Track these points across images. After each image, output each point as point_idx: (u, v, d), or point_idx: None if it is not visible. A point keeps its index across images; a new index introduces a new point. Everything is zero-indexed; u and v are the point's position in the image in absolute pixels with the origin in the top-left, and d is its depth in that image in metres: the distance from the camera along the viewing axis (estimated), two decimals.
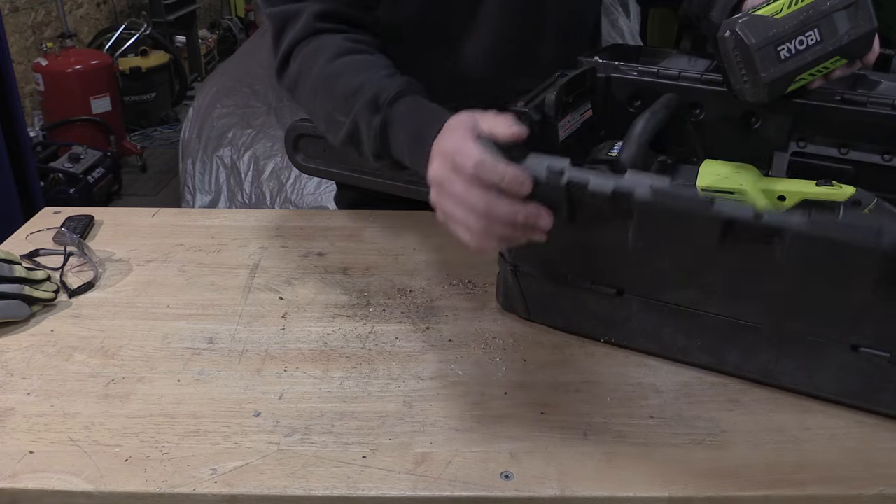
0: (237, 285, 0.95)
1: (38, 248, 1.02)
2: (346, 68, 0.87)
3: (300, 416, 0.72)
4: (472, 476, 0.65)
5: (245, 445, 0.69)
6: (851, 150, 0.81)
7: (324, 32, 0.92)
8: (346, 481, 0.65)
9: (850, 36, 0.74)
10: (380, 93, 0.80)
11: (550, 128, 0.81)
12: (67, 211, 1.11)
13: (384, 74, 0.84)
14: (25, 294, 0.86)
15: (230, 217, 1.13)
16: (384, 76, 0.84)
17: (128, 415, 0.72)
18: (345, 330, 0.86)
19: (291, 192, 2.57)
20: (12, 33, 3.67)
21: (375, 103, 0.80)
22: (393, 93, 0.80)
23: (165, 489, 0.64)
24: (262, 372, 0.79)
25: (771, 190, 0.77)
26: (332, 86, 0.87)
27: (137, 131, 4.42)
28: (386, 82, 0.82)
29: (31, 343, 0.83)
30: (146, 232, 1.08)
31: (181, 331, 0.85)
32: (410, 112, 0.79)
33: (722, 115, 0.85)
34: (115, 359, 0.81)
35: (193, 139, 2.90)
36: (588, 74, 0.90)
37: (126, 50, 4.25)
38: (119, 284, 0.95)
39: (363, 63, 0.88)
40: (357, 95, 0.82)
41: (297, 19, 0.93)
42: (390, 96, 0.79)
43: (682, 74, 0.86)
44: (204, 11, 5.61)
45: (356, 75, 0.85)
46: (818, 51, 0.74)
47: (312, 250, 1.03)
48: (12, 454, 0.67)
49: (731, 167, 0.81)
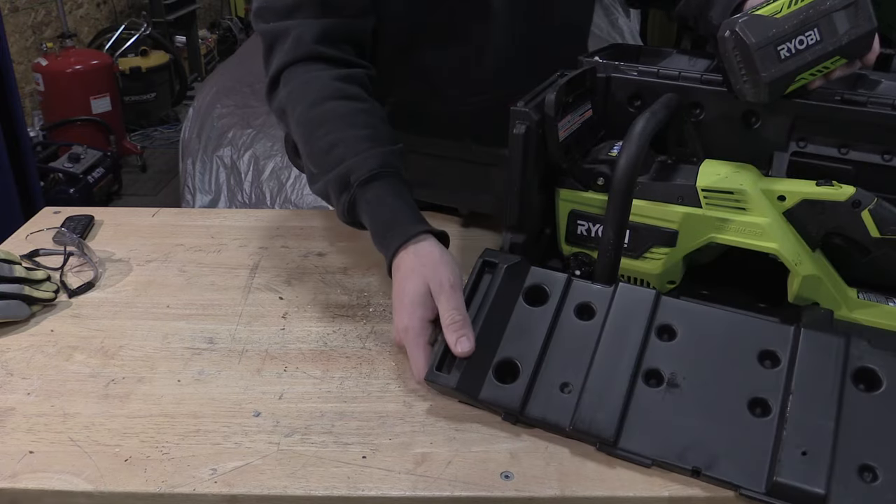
0: (237, 285, 0.95)
1: (38, 248, 1.02)
2: (326, 119, 0.86)
3: (300, 416, 0.72)
4: (472, 476, 0.65)
5: (245, 445, 0.69)
6: (851, 150, 0.81)
7: (314, 60, 0.91)
8: (346, 481, 0.65)
9: (850, 36, 0.75)
10: (352, 170, 0.82)
11: (550, 128, 0.81)
12: (67, 211, 1.11)
13: (362, 137, 0.84)
14: (25, 294, 0.86)
15: (230, 217, 1.13)
16: (362, 139, 0.84)
17: (128, 415, 0.72)
18: (345, 330, 0.86)
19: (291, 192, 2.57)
20: (12, 33, 3.67)
21: (346, 181, 0.82)
22: (364, 175, 0.81)
23: (165, 489, 0.64)
24: (262, 372, 0.79)
25: (771, 190, 0.77)
26: (311, 136, 0.87)
27: (137, 131, 4.42)
28: (361, 157, 0.82)
29: (31, 343, 0.83)
30: (146, 232, 1.08)
31: (181, 331, 0.85)
32: (377, 203, 0.81)
33: (722, 115, 0.85)
34: (115, 359, 0.81)
35: (193, 139, 2.91)
36: (588, 74, 0.90)
37: (126, 50, 4.25)
38: (119, 284, 0.95)
39: (345, 115, 0.87)
40: (330, 159, 0.84)
41: (285, 39, 0.92)
42: (361, 178, 0.81)
43: (682, 74, 0.86)
44: (204, 11, 5.61)
45: (334, 130, 0.85)
46: (818, 50, 0.75)
47: (312, 250, 1.03)
48: (12, 454, 0.67)
49: (731, 167, 0.81)
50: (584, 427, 0.67)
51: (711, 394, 0.68)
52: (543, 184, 0.87)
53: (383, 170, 0.82)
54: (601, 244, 0.76)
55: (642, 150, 0.73)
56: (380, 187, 0.81)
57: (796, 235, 0.77)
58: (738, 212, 0.78)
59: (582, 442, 0.69)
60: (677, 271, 0.84)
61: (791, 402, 0.65)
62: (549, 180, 0.87)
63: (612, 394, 0.68)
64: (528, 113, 0.79)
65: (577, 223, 0.87)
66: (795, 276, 0.77)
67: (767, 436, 0.64)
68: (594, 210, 0.85)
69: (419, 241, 0.78)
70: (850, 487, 0.60)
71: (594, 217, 0.86)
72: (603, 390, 0.69)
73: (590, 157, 0.87)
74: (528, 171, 0.82)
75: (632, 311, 0.73)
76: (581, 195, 0.86)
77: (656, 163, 0.85)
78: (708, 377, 0.69)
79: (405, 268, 0.77)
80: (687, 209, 0.80)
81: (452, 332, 0.73)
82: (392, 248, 0.79)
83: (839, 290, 0.78)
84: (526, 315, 0.76)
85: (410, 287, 0.76)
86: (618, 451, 0.66)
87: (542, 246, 0.91)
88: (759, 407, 0.66)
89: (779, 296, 0.81)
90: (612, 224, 0.74)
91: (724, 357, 0.69)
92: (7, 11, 3.64)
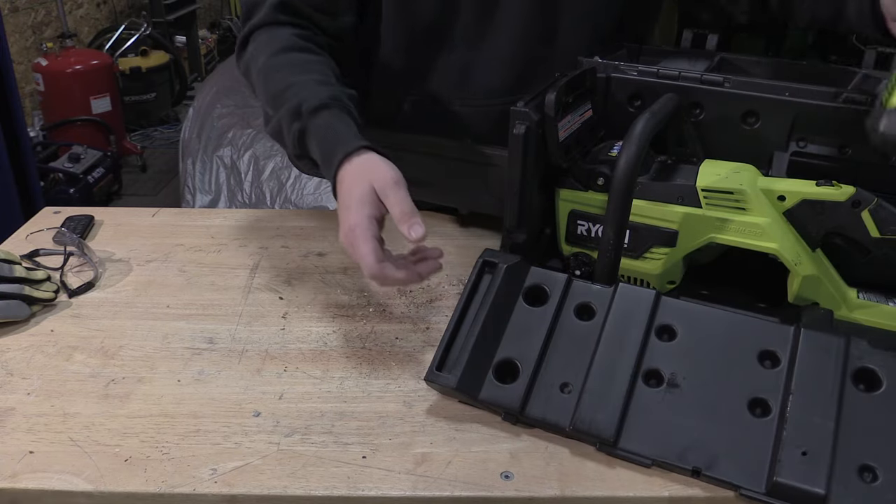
0: (237, 285, 0.95)
1: (38, 248, 1.02)
2: (284, 65, 0.91)
3: (300, 416, 0.72)
4: (472, 476, 0.65)
5: (245, 445, 0.69)
6: (851, 150, 0.81)
7: (282, 24, 0.96)
8: (346, 481, 0.65)
9: None
10: (303, 101, 0.85)
11: (550, 128, 0.81)
12: (67, 211, 1.11)
13: (316, 80, 0.88)
14: (25, 294, 0.86)
15: (230, 217, 1.13)
16: (315, 82, 0.88)
17: (128, 415, 0.72)
18: (345, 330, 0.86)
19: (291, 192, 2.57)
20: (12, 33, 3.67)
21: (298, 111, 0.85)
22: (314, 104, 0.84)
23: (165, 489, 0.64)
24: (262, 372, 0.79)
25: (771, 190, 0.77)
26: (269, 80, 0.91)
27: (137, 131, 4.42)
28: (312, 91, 0.86)
29: (31, 343, 0.83)
30: (146, 232, 1.08)
31: (181, 331, 0.85)
32: (324, 127, 0.84)
33: (722, 115, 0.85)
34: (115, 359, 0.81)
35: (193, 139, 2.91)
36: (588, 74, 0.90)
37: (126, 50, 4.25)
38: (119, 284, 0.95)
39: (302, 63, 0.92)
40: (285, 97, 0.87)
41: (261, 7, 0.97)
42: (312, 107, 0.84)
43: (682, 74, 0.86)
44: (204, 11, 5.61)
45: (290, 75, 0.89)
46: None
47: (312, 250, 1.03)
48: (12, 454, 0.67)
49: (731, 167, 0.81)
50: (584, 427, 0.67)
51: (711, 394, 0.68)
52: (543, 184, 0.87)
53: (332, 101, 0.85)
54: (601, 244, 0.76)
55: (642, 150, 0.73)
56: (328, 115, 0.84)
57: (796, 235, 0.77)
58: (737, 212, 0.77)
59: (582, 442, 0.69)
60: (677, 271, 0.84)
61: (791, 402, 0.65)
62: (549, 180, 0.87)
63: (612, 394, 0.68)
64: (528, 113, 0.79)
65: (577, 223, 0.87)
66: (795, 276, 0.77)
67: (767, 436, 0.64)
68: (594, 210, 0.85)
69: (361, 153, 0.80)
70: (850, 487, 0.60)
71: (594, 217, 0.86)
72: (603, 390, 0.69)
73: (590, 157, 0.87)
74: (528, 171, 0.82)
75: (632, 311, 0.73)
76: (581, 195, 0.86)
77: (656, 163, 0.85)
78: (708, 377, 0.69)
79: (349, 177, 0.79)
80: (687, 209, 0.80)
81: (404, 223, 0.75)
82: (335, 164, 0.80)
83: (839, 290, 0.78)
84: (526, 315, 0.76)
85: (356, 189, 0.77)
86: (618, 451, 0.66)
87: (542, 246, 0.91)
88: (759, 407, 0.66)
89: (779, 296, 0.81)
90: (612, 224, 0.74)
91: (724, 357, 0.69)
92: (7, 11, 3.64)
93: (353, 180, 0.79)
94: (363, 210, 0.76)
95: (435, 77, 1.06)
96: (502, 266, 0.78)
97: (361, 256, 0.75)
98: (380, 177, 0.77)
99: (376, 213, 0.77)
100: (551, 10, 1.00)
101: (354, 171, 0.79)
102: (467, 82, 1.05)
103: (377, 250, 0.75)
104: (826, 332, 0.68)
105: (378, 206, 0.77)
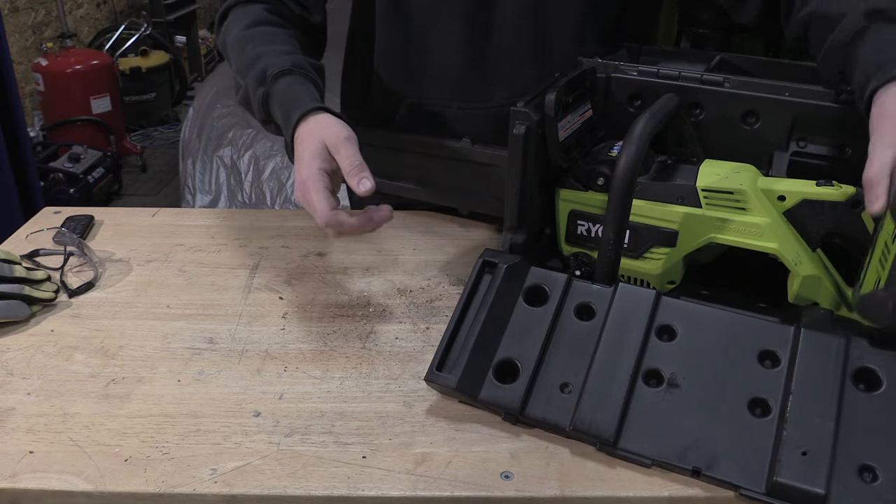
0: (237, 285, 0.95)
1: (38, 248, 1.02)
2: (253, 37, 0.96)
3: (300, 416, 0.72)
4: (472, 476, 0.65)
5: (245, 445, 0.69)
6: (851, 150, 0.81)
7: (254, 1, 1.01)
8: (346, 481, 0.65)
9: None
10: (268, 67, 0.89)
11: (550, 128, 0.81)
12: (67, 211, 1.11)
13: (282, 51, 0.93)
14: (25, 294, 0.86)
15: (230, 217, 1.13)
16: (281, 52, 0.92)
17: (128, 415, 0.72)
18: (345, 330, 0.86)
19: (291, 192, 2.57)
20: (12, 33, 3.67)
21: (263, 76, 0.89)
22: (277, 70, 0.88)
23: (165, 489, 0.64)
24: (262, 372, 0.79)
25: (771, 190, 0.77)
26: (240, 51, 0.96)
27: (137, 131, 4.42)
28: (276, 59, 0.90)
29: (31, 343, 0.83)
30: (146, 232, 1.08)
31: (181, 331, 0.85)
32: (285, 91, 0.88)
33: (722, 115, 0.85)
34: (115, 359, 0.81)
35: (193, 139, 2.91)
36: (588, 74, 0.90)
37: (126, 50, 4.25)
38: (119, 284, 0.95)
39: (270, 35, 0.96)
40: (252, 66, 0.91)
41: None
42: (275, 72, 0.88)
43: (682, 74, 0.86)
44: (204, 11, 5.61)
45: (259, 46, 0.94)
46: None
47: (312, 250, 1.03)
48: (12, 454, 0.67)
49: (731, 167, 0.81)
50: (584, 427, 0.67)
51: (711, 394, 0.68)
52: (543, 184, 0.87)
53: (294, 68, 0.89)
54: (601, 244, 0.76)
55: (642, 150, 0.73)
56: (290, 80, 0.88)
57: (796, 235, 0.77)
58: (738, 212, 0.77)
59: (582, 442, 0.69)
60: (677, 271, 0.84)
61: (791, 402, 0.65)
62: (549, 180, 0.87)
63: (612, 394, 0.68)
64: (528, 113, 0.79)
65: (577, 223, 0.87)
66: (795, 276, 0.77)
67: (767, 436, 0.64)
68: (594, 210, 0.85)
69: (317, 113, 0.84)
70: (850, 487, 0.60)
71: (594, 217, 0.86)
72: (603, 390, 0.69)
73: (590, 157, 0.87)
74: (528, 171, 0.82)
75: (632, 311, 0.73)
76: (581, 195, 0.86)
77: (656, 163, 0.85)
78: (708, 377, 0.69)
79: (303, 135, 0.83)
80: (687, 209, 0.80)
81: (354, 177, 0.79)
82: (292, 124, 0.84)
83: (839, 290, 0.78)
84: (526, 315, 0.76)
85: (309, 145, 0.82)
86: (618, 451, 0.66)
87: (542, 246, 0.91)
88: (759, 407, 0.66)
89: (779, 296, 0.81)
90: (612, 224, 0.74)
91: (724, 357, 0.69)
92: (7, 11, 3.64)
93: (306, 137, 0.83)
94: (314, 163, 0.80)
95: (434, 77, 1.06)
96: (502, 266, 0.78)
97: (314, 205, 0.79)
98: (331, 133, 0.81)
99: (327, 167, 0.80)
100: (550, 10, 1.00)
101: (309, 129, 0.83)
102: (466, 83, 1.05)
103: (329, 199, 0.78)
104: (826, 332, 0.68)
105: (329, 160, 0.81)
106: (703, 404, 0.67)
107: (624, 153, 0.73)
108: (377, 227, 0.82)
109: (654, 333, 0.72)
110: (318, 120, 0.83)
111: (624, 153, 0.73)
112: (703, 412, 0.67)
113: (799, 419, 0.64)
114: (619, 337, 0.71)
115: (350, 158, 0.79)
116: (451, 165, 1.01)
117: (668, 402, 0.68)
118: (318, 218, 0.79)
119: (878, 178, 0.66)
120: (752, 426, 0.65)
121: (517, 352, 0.73)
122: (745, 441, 0.65)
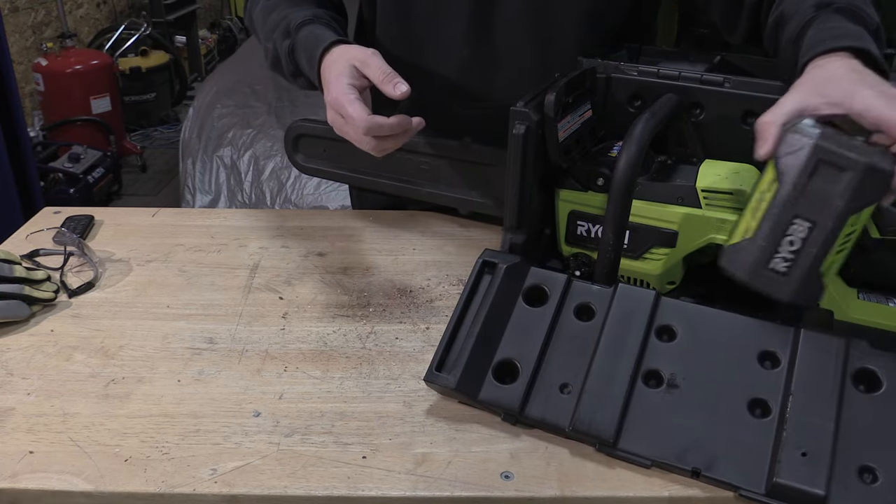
0: (237, 285, 0.95)
1: (38, 248, 1.02)
2: (278, 5, 1.00)
3: (300, 416, 0.72)
4: (472, 476, 0.65)
5: (245, 445, 0.69)
6: None
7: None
8: (346, 481, 0.65)
9: (845, 196, 0.63)
10: (291, 21, 0.94)
11: (550, 128, 0.81)
12: (67, 211, 1.11)
13: (304, 9, 0.96)
14: (25, 294, 0.86)
15: (230, 217, 1.13)
16: (302, 9, 0.96)
17: (128, 415, 0.72)
18: (345, 330, 0.86)
19: (291, 192, 2.57)
20: (12, 33, 3.67)
21: (287, 30, 0.94)
22: (300, 20, 0.93)
23: (165, 489, 0.64)
24: (262, 372, 0.79)
25: None
26: (265, 19, 1.00)
27: (137, 131, 4.42)
28: (300, 13, 0.95)
29: (31, 343, 0.83)
30: (146, 232, 1.08)
31: (181, 331, 0.85)
32: (307, 37, 0.91)
33: (722, 115, 0.85)
34: (115, 359, 0.81)
35: (193, 139, 2.90)
36: (588, 75, 0.90)
37: (126, 50, 4.25)
38: (119, 284, 0.95)
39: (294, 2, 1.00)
40: (278, 26, 0.95)
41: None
42: (297, 23, 0.93)
43: (682, 74, 0.86)
44: (204, 11, 5.61)
45: (284, 10, 0.98)
46: (819, 234, 0.65)
47: (312, 250, 1.03)
48: (12, 454, 0.67)
49: (731, 167, 0.81)
50: (583, 428, 0.67)
51: (711, 395, 0.68)
52: (543, 184, 0.87)
53: (315, 18, 0.93)
54: (601, 244, 0.76)
55: (642, 151, 0.73)
56: (312, 27, 0.92)
57: None
58: (737, 212, 0.77)
59: (581, 442, 0.69)
60: (677, 272, 0.84)
61: (791, 402, 0.65)
62: (549, 180, 0.87)
63: (612, 394, 0.68)
64: (528, 113, 0.79)
65: (576, 223, 0.87)
66: None
67: (767, 437, 0.64)
68: (594, 210, 0.85)
69: (340, 44, 0.88)
70: (849, 488, 0.60)
71: (594, 217, 0.86)
72: (602, 391, 0.69)
73: (589, 157, 0.87)
74: (527, 172, 0.82)
75: (631, 311, 0.73)
76: (581, 195, 0.86)
77: (656, 163, 0.85)
78: (708, 378, 0.69)
79: (328, 63, 0.86)
80: (687, 210, 0.80)
81: (388, 83, 0.80)
82: (317, 61, 0.87)
83: (839, 291, 0.78)
84: (526, 315, 0.76)
85: (335, 68, 0.84)
86: (617, 451, 0.66)
87: (542, 246, 0.91)
88: (759, 408, 0.66)
89: None
90: (611, 224, 0.74)
91: (723, 358, 0.69)
92: (7, 11, 3.64)
93: (332, 64, 0.85)
94: (342, 80, 0.82)
95: (434, 77, 1.06)
96: (502, 266, 0.78)
97: (350, 115, 0.79)
98: (357, 52, 0.84)
99: (356, 83, 0.82)
100: (550, 11, 1.00)
101: (333, 58, 0.86)
102: (467, 82, 1.05)
103: (364, 108, 0.79)
104: (826, 333, 0.68)
105: (358, 77, 0.83)
106: (702, 405, 0.67)
107: (624, 153, 0.73)
108: (412, 133, 0.84)
109: (653, 334, 0.72)
110: (340, 49, 0.86)
111: (624, 153, 0.73)
112: (703, 413, 0.67)
113: (799, 420, 0.64)
114: (618, 337, 0.71)
115: (381, 68, 0.81)
116: (451, 165, 1.01)
117: (668, 402, 0.68)
118: (357, 125, 0.79)
119: (771, 122, 0.67)
120: (752, 427, 0.65)
121: (517, 352, 0.73)
122: (745, 442, 0.65)
